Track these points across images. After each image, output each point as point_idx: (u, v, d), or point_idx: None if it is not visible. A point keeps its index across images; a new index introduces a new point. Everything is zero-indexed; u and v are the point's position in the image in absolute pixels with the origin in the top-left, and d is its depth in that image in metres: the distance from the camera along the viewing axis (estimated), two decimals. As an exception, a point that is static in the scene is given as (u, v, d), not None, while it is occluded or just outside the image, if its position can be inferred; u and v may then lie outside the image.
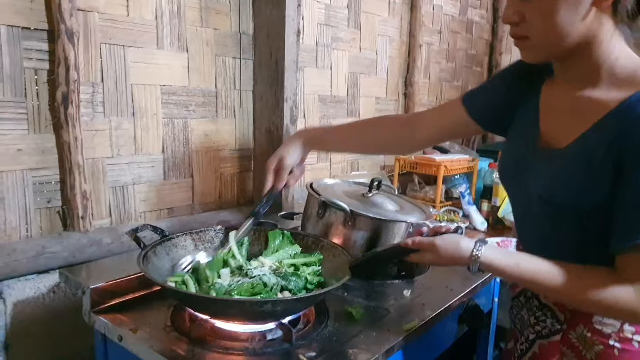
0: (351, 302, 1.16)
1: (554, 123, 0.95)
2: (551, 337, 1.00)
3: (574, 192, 0.86)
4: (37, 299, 1.25)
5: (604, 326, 0.91)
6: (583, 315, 0.93)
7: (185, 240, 1.17)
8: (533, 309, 1.04)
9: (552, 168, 0.90)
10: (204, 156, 1.68)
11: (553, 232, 0.94)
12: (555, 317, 0.99)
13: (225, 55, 1.69)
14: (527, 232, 1.05)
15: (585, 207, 0.86)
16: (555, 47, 0.86)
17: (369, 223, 1.26)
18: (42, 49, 1.24)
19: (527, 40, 0.87)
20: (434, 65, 2.79)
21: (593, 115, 0.85)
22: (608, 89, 0.85)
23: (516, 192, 1.03)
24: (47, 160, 1.28)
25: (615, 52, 0.85)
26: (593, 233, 0.88)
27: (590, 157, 0.84)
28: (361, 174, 2.26)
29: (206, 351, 0.93)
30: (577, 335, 0.95)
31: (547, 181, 0.90)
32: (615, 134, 0.81)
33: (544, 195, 0.91)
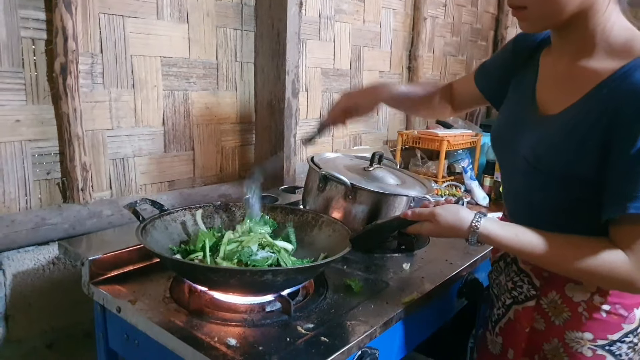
0: (350, 275, 1.17)
1: (549, 91, 0.96)
2: (526, 302, 1.01)
3: (558, 157, 0.87)
4: (37, 271, 1.26)
5: (574, 294, 0.94)
6: (556, 282, 0.96)
7: (184, 215, 1.16)
8: (511, 274, 1.05)
9: (541, 132, 0.91)
10: (204, 129, 1.67)
11: (538, 198, 0.95)
12: (532, 283, 1.01)
13: (226, 27, 1.66)
14: (513, 198, 1.06)
15: (569, 173, 0.87)
16: (552, 16, 0.86)
17: (370, 197, 1.25)
18: (39, 18, 1.22)
19: (525, 11, 0.86)
20: (439, 39, 2.74)
21: (586, 84, 0.86)
22: (603, 58, 0.86)
23: (506, 157, 1.04)
24: (46, 131, 1.27)
25: (610, 22, 0.85)
26: (579, 201, 0.89)
27: (579, 124, 0.85)
28: (363, 149, 2.25)
29: (204, 322, 0.93)
30: (549, 301, 0.98)
31: (533, 146, 0.91)
32: (607, 104, 0.82)
33: (529, 159, 0.91)
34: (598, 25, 0.85)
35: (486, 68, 1.18)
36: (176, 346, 0.87)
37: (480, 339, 1.15)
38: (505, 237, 0.91)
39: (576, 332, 0.94)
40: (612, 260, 0.83)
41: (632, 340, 0.94)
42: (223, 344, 0.86)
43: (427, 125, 2.60)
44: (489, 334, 1.11)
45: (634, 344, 0.94)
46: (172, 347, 0.88)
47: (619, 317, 0.93)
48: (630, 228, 0.82)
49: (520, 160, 0.94)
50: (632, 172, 0.79)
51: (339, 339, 0.89)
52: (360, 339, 0.90)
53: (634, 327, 0.93)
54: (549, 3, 0.83)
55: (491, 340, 1.10)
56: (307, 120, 2.03)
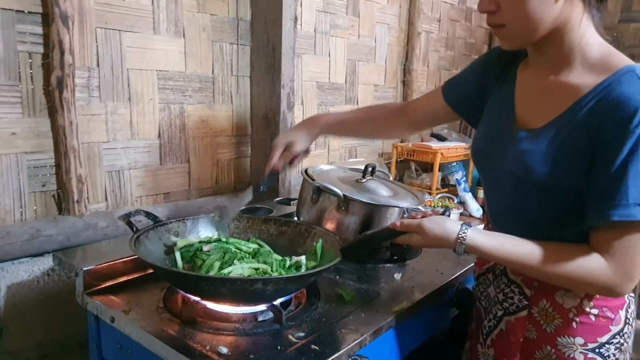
0: (343, 284, 1.18)
1: (529, 106, 0.98)
2: (518, 313, 1.03)
3: (548, 171, 0.89)
4: (32, 282, 1.26)
5: (565, 301, 0.96)
6: (547, 290, 0.98)
7: (178, 226, 1.17)
8: (501, 285, 1.06)
9: (527, 147, 0.93)
10: (200, 142, 1.69)
11: (526, 210, 0.97)
12: (523, 294, 1.02)
13: (222, 41, 1.69)
14: (499, 211, 1.08)
15: (559, 185, 0.89)
16: (530, 33, 0.89)
17: (362, 208, 1.26)
18: (36, 32, 1.24)
19: (504, 29, 0.90)
20: (433, 53, 2.78)
21: (567, 98, 0.89)
22: (581, 73, 0.89)
23: (490, 172, 1.06)
24: (42, 144, 1.29)
25: (586, 37, 0.88)
26: (566, 211, 0.91)
27: (565, 138, 0.88)
28: (358, 161, 2.27)
29: (197, 331, 0.94)
30: (540, 310, 0.99)
31: (522, 160, 0.93)
32: (591, 117, 0.85)
33: (518, 173, 0.93)
34: (574, 41, 0.88)
35: (455, 85, 1.20)
36: (169, 355, 0.88)
37: (471, 352, 1.16)
38: (491, 247, 0.93)
39: (568, 338, 0.96)
40: (593, 267, 0.86)
41: (619, 340, 0.97)
42: (215, 353, 0.86)
43: (422, 138, 2.62)
44: (480, 346, 1.11)
45: (620, 344, 0.97)
46: (165, 356, 0.89)
47: (607, 320, 0.95)
48: (611, 235, 0.84)
49: (506, 174, 0.96)
50: (615, 180, 0.81)
51: (330, 347, 0.90)
52: (350, 347, 0.91)
53: (620, 328, 0.96)
54: (526, 19, 0.86)
55: (483, 353, 1.10)
56: (302, 133, 2.05)
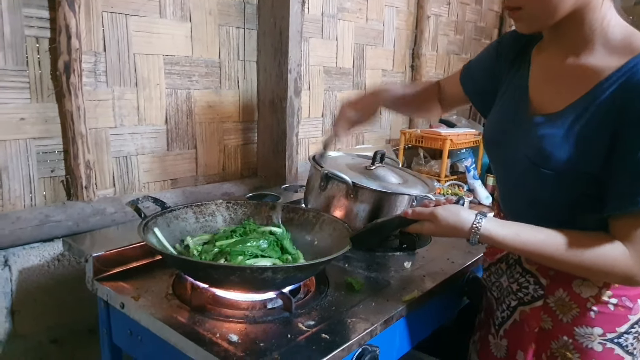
0: (352, 273, 1.17)
1: (545, 90, 0.95)
2: (533, 303, 1.01)
3: (565, 155, 0.87)
4: (42, 267, 1.27)
5: (583, 290, 0.95)
6: (563, 280, 0.96)
7: (186, 212, 1.17)
8: (516, 275, 1.05)
9: (544, 132, 0.90)
10: (207, 127, 1.67)
11: (541, 196, 0.95)
12: (538, 283, 1.01)
13: (228, 25, 1.67)
14: (512, 198, 1.06)
15: (576, 170, 0.87)
16: (549, 15, 0.86)
17: (371, 195, 1.25)
18: (43, 16, 1.23)
19: (520, 11, 0.87)
20: (442, 37, 2.74)
21: (588, 81, 0.86)
22: (602, 55, 0.86)
23: (504, 159, 1.03)
24: (50, 129, 1.28)
25: (607, 18, 0.86)
26: (583, 196, 0.90)
27: (586, 122, 0.85)
28: (366, 148, 2.25)
29: (206, 318, 0.94)
30: (556, 300, 0.98)
31: (539, 145, 0.90)
32: (614, 101, 0.82)
33: (534, 158, 0.91)
34: (595, 23, 0.85)
35: (471, 70, 1.18)
36: (178, 342, 0.88)
37: (481, 343, 1.15)
38: (507, 237, 0.91)
39: (586, 328, 0.95)
40: (613, 255, 0.84)
41: (638, 330, 0.95)
42: (225, 340, 0.87)
43: (430, 124, 2.60)
44: (492, 337, 1.10)
45: (638, 334, 0.96)
46: (175, 342, 0.89)
47: (626, 309, 0.94)
48: (633, 222, 0.83)
49: (522, 160, 0.94)
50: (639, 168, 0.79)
51: (340, 336, 0.90)
52: (361, 336, 0.91)
53: (639, 318, 0.95)
54: (544, 3, 0.84)
55: (495, 343, 1.10)
56: (310, 119, 2.04)
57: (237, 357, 0.82)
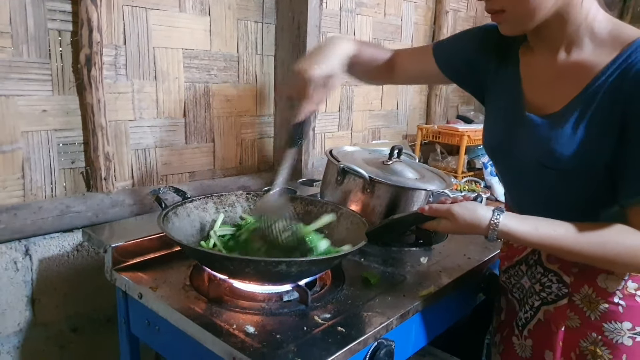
0: (368, 267, 1.17)
1: (540, 91, 0.94)
2: (558, 302, 1.00)
3: (580, 152, 0.86)
4: (62, 257, 1.29)
5: (608, 285, 0.94)
6: (587, 276, 0.95)
7: (206, 202, 1.18)
8: (537, 275, 1.04)
9: (549, 133, 0.89)
10: (225, 121, 1.68)
11: (555, 195, 0.94)
12: (562, 281, 0.99)
13: (247, 19, 1.67)
14: (523, 202, 1.05)
15: (592, 164, 0.86)
16: (531, 16, 0.86)
17: (388, 190, 1.25)
18: (65, 10, 1.24)
19: (503, 14, 0.87)
20: (461, 32, 2.71)
21: (583, 77, 0.86)
22: (592, 50, 0.86)
23: (509, 163, 1.02)
24: (71, 121, 1.30)
25: (591, 14, 0.86)
26: (597, 189, 0.89)
27: (591, 117, 0.85)
28: (382, 143, 2.24)
29: (224, 310, 0.95)
30: (582, 297, 0.97)
31: (547, 147, 0.89)
32: (617, 90, 0.82)
33: (545, 162, 0.90)
34: (578, 19, 0.86)
35: (447, 50, 1.11)
36: (195, 332, 0.89)
37: (504, 345, 1.14)
38: (525, 232, 0.90)
39: (615, 323, 0.94)
40: (634, 244, 0.83)
41: None
42: (242, 332, 0.87)
43: (448, 120, 2.58)
44: (516, 338, 1.09)
45: None
46: (192, 333, 0.90)
47: None
48: None
49: (530, 164, 0.93)
50: None
51: (356, 329, 0.90)
52: (377, 330, 0.91)
53: None
54: (526, 5, 0.83)
55: (519, 344, 1.09)
56: (326, 114, 2.04)
57: (253, 348, 0.82)
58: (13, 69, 1.17)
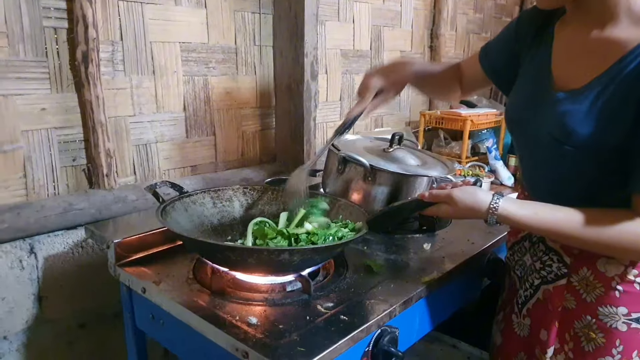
0: (370, 255, 1.17)
1: (568, 65, 0.93)
2: (557, 281, 1.00)
3: (590, 131, 0.85)
4: (67, 254, 1.30)
5: (607, 269, 0.93)
6: (588, 258, 0.94)
7: (203, 197, 1.18)
8: (539, 253, 1.03)
9: (567, 108, 0.88)
10: (225, 114, 1.68)
11: (566, 173, 0.93)
12: (562, 261, 0.99)
13: (244, 10, 1.66)
14: (536, 176, 1.04)
15: (601, 146, 0.85)
16: None
17: (389, 178, 1.24)
18: (60, 7, 1.24)
19: None
20: (461, 16, 2.68)
21: (612, 54, 0.84)
22: (627, 27, 0.84)
23: (527, 137, 1.01)
24: (71, 119, 1.30)
25: None
26: (607, 172, 0.87)
27: (611, 96, 0.83)
28: (385, 130, 2.23)
29: (226, 302, 0.95)
30: (580, 279, 0.96)
31: (562, 122, 0.88)
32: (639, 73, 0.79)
33: (558, 136, 0.89)
34: None
35: (490, 49, 1.16)
36: (199, 325, 0.90)
37: (505, 322, 1.14)
38: (525, 216, 0.90)
39: (610, 307, 0.93)
40: (635, 231, 0.82)
41: None
42: (244, 323, 0.88)
43: (451, 105, 2.56)
44: (515, 316, 1.10)
45: None
46: (195, 325, 0.91)
47: None
48: None
49: (544, 137, 0.92)
50: None
51: (359, 317, 0.90)
52: (380, 318, 0.91)
53: None
54: None
55: (518, 322, 1.09)
56: (327, 103, 2.02)
57: (256, 339, 0.83)
58: (10, 69, 1.17)
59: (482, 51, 1.17)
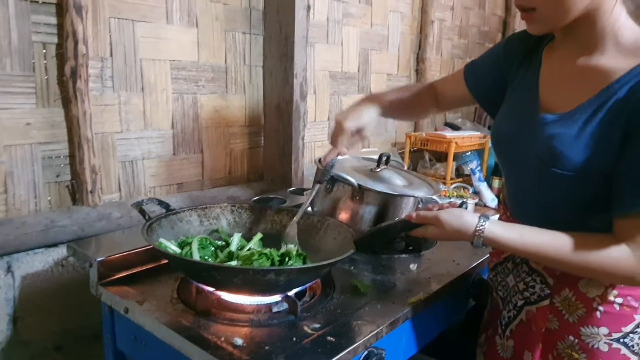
0: (357, 275, 1.16)
1: (555, 89, 0.95)
2: (540, 302, 1.01)
3: (578, 155, 0.86)
4: (46, 273, 1.27)
5: (589, 290, 0.94)
6: (569, 279, 0.96)
7: (190, 215, 1.17)
8: (522, 274, 1.04)
9: (555, 131, 0.90)
10: (213, 132, 1.68)
11: (551, 196, 0.95)
12: (545, 282, 1.00)
13: (235, 31, 1.67)
14: (521, 199, 1.05)
15: (590, 169, 0.86)
16: (562, 16, 0.86)
17: (377, 197, 1.25)
18: (50, 22, 1.24)
19: (535, 13, 0.87)
20: (446, 41, 2.74)
21: (600, 81, 0.86)
22: (614, 56, 0.86)
23: (513, 157, 1.03)
24: (56, 134, 1.29)
25: (619, 22, 0.86)
26: (593, 195, 0.89)
27: (599, 122, 0.85)
28: (372, 151, 2.24)
29: (211, 322, 0.93)
30: (562, 299, 0.97)
31: (550, 144, 0.90)
32: (626, 101, 0.82)
33: (546, 159, 0.90)
34: (607, 26, 0.86)
35: (476, 68, 1.18)
36: (183, 346, 0.88)
37: (488, 344, 1.14)
38: (510, 239, 0.91)
39: (592, 328, 0.94)
40: (616, 256, 0.84)
41: None
42: (229, 344, 0.86)
43: (435, 127, 2.59)
44: (499, 337, 1.09)
45: None
46: (179, 347, 0.89)
47: (631, 309, 0.93)
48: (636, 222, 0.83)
49: (532, 159, 0.94)
50: None
51: (345, 338, 0.89)
52: (367, 339, 0.90)
53: None
54: (558, 4, 0.84)
55: (502, 344, 1.09)
56: (315, 123, 2.04)
57: (241, 360, 0.81)
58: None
59: (468, 69, 1.19)
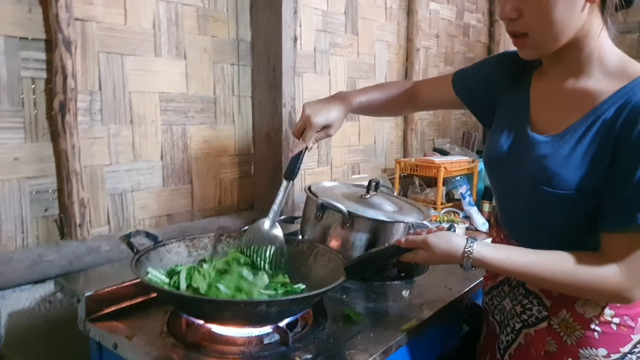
0: (349, 304, 1.16)
1: (546, 112, 0.98)
2: (538, 324, 1.00)
3: (573, 174, 0.88)
4: (33, 310, 1.24)
5: (586, 310, 0.94)
6: (566, 301, 0.96)
7: (179, 246, 1.16)
8: (519, 297, 1.04)
9: (548, 152, 0.92)
10: (203, 162, 1.68)
11: (544, 216, 0.96)
12: (542, 304, 1.00)
13: (223, 62, 1.70)
14: (514, 219, 1.06)
15: (582, 188, 0.88)
16: (553, 42, 0.89)
17: (367, 224, 1.25)
18: (39, 58, 1.25)
19: (527, 38, 0.90)
20: (432, 68, 2.79)
21: (588, 102, 0.90)
22: (600, 79, 0.90)
23: (505, 178, 1.04)
24: (45, 168, 1.28)
25: (605, 46, 0.90)
26: (585, 214, 0.90)
27: (589, 142, 0.88)
28: (362, 177, 2.26)
29: (202, 356, 0.92)
30: (559, 321, 0.97)
31: (542, 165, 0.92)
32: (614, 121, 0.85)
33: (539, 179, 0.92)
34: (593, 50, 0.89)
35: (466, 75, 1.21)
36: (173, 381, 0.86)
37: None
38: (497, 259, 0.92)
39: (590, 349, 0.94)
40: (601, 272, 0.85)
41: None
42: (220, 377, 0.85)
43: (425, 152, 2.62)
44: None
45: None
46: (169, 382, 0.87)
47: (628, 329, 0.93)
48: (628, 240, 0.84)
49: (525, 180, 0.96)
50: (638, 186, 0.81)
51: (338, 368, 0.88)
52: (360, 368, 0.89)
53: None
54: (550, 28, 0.86)
55: None
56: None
57: (232, 394, 0.80)
58: (-16, 118, 1.17)
59: (457, 76, 1.22)
